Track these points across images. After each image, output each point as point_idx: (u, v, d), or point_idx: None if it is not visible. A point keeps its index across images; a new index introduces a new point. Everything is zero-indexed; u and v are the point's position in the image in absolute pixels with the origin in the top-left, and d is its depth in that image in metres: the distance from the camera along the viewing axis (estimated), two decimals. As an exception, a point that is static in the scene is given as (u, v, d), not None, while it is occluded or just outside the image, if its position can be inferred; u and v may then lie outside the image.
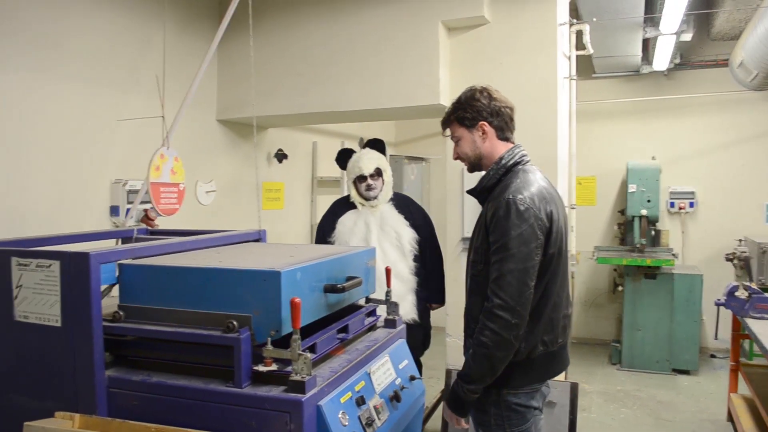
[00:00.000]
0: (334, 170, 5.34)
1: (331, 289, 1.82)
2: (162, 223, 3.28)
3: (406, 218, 3.34)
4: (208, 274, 1.69)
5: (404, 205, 3.40)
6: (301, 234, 5.24)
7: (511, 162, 2.01)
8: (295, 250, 2.11)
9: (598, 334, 6.32)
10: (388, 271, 2.20)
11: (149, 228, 2.82)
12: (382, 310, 2.26)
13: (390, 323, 2.22)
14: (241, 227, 2.93)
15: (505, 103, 2.06)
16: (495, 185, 2.01)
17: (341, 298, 1.91)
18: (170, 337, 1.67)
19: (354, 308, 2.15)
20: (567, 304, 2.07)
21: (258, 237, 2.45)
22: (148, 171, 2.83)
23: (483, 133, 2.05)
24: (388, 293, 2.26)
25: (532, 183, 1.95)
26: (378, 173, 3.32)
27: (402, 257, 3.27)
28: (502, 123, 2.05)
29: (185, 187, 3.04)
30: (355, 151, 3.42)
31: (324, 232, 3.39)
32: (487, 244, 1.93)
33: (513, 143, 2.06)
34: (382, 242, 3.25)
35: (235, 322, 1.60)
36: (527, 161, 2.05)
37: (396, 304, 2.26)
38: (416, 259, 3.32)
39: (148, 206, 3.22)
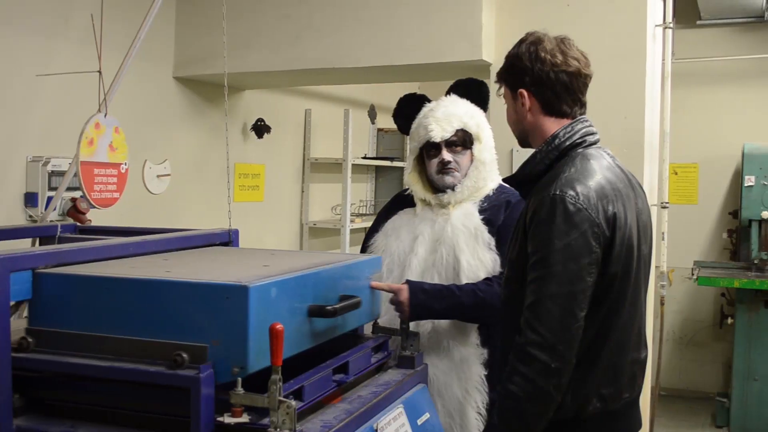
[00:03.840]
0: (334, 149, 5.37)
1: (318, 311, 1.83)
2: (96, 217, 3.30)
3: (494, 234, 2.61)
4: (150, 289, 1.70)
5: (503, 205, 2.67)
6: (288, 237, 5.28)
7: (568, 143, 2.02)
8: (272, 257, 2.12)
9: (697, 385, 6.29)
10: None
11: (78, 224, 2.84)
12: (394, 344, 2.27)
13: (406, 361, 2.23)
14: (204, 225, 2.94)
15: (562, 65, 2.03)
16: (543, 173, 2.02)
17: (332, 324, 1.92)
18: (99, 374, 1.68)
19: (354, 340, 2.15)
20: (639, 345, 2.06)
21: (227, 239, 2.47)
22: (78, 146, 2.85)
23: (523, 104, 2.07)
24: (403, 322, 2.27)
25: (592, 174, 1.95)
26: (464, 141, 2.66)
27: None
28: (550, 95, 2.04)
29: (129, 168, 3.06)
30: (429, 100, 2.78)
31: (366, 241, 2.82)
32: (526, 256, 1.94)
33: (572, 118, 2.07)
34: (429, 273, 2.60)
35: (184, 355, 1.61)
36: (592, 142, 2.05)
37: (416, 335, 2.26)
38: None
39: (77, 194, 3.25)
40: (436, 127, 2.62)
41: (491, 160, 2.70)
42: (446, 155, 2.63)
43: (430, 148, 2.65)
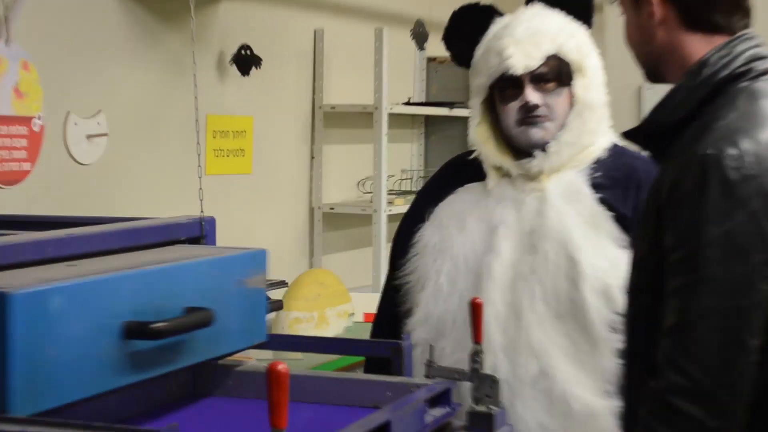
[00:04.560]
0: (361, 92, 5.37)
1: (138, 331, 1.86)
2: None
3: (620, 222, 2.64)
4: None
5: (630, 182, 2.69)
6: (291, 227, 5.31)
7: (725, 73, 2.01)
8: (132, 257, 2.17)
9: None
10: (476, 307, 2.18)
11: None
12: (462, 392, 2.30)
13: (480, 421, 2.20)
14: (161, 211, 2.94)
15: None
16: (686, 122, 2.02)
17: (165, 349, 1.96)
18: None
19: (399, 389, 2.16)
20: None
21: (198, 233, 2.47)
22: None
23: (650, 15, 2.08)
24: (476, 355, 2.24)
25: (766, 120, 1.95)
26: (559, 74, 2.68)
27: (585, 341, 2.60)
28: (693, 0, 2.06)
29: (44, 125, 3.07)
30: (501, 13, 2.80)
31: (403, 237, 2.89)
32: (662, 252, 1.95)
33: (731, 34, 2.06)
34: (524, 285, 2.62)
35: None
36: (765, 70, 2.05)
37: (494, 381, 2.25)
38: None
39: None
40: (515, 52, 2.61)
41: (601, 104, 2.71)
42: (531, 95, 2.62)
43: (506, 86, 2.66)
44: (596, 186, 2.62)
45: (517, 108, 2.63)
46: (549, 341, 2.57)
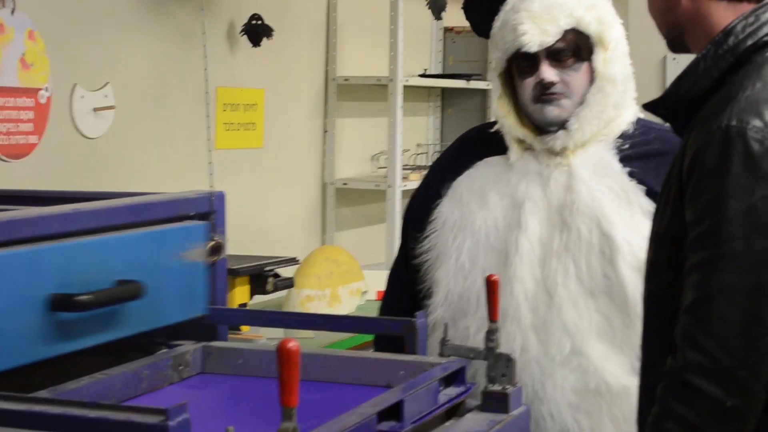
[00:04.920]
0: (375, 63, 5.37)
1: (62, 303, 1.89)
2: (1, 175, 3.31)
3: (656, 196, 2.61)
4: None
5: (665, 155, 2.61)
6: (303, 204, 5.33)
7: (750, 42, 2.00)
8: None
9: None
10: (493, 284, 2.19)
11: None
12: (477, 371, 2.28)
13: (495, 401, 2.20)
14: (169, 186, 2.93)
15: None
16: (710, 92, 2.02)
17: (93, 320, 1.98)
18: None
19: (412, 367, 2.15)
20: None
21: (207, 208, 2.47)
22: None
23: None
24: (491, 333, 2.24)
25: None
26: (577, 49, 2.66)
27: (620, 318, 2.59)
28: None
29: (51, 96, 3.06)
30: None
31: (417, 213, 2.88)
32: (683, 227, 1.95)
33: (757, 1, 2.05)
34: (556, 262, 2.61)
35: None
36: None
37: (510, 360, 2.25)
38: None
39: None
40: (531, 28, 2.58)
41: (624, 76, 2.68)
42: (547, 72, 2.61)
43: (523, 62, 2.64)
44: (624, 159, 2.61)
45: (532, 84, 2.62)
46: (582, 319, 2.56)
